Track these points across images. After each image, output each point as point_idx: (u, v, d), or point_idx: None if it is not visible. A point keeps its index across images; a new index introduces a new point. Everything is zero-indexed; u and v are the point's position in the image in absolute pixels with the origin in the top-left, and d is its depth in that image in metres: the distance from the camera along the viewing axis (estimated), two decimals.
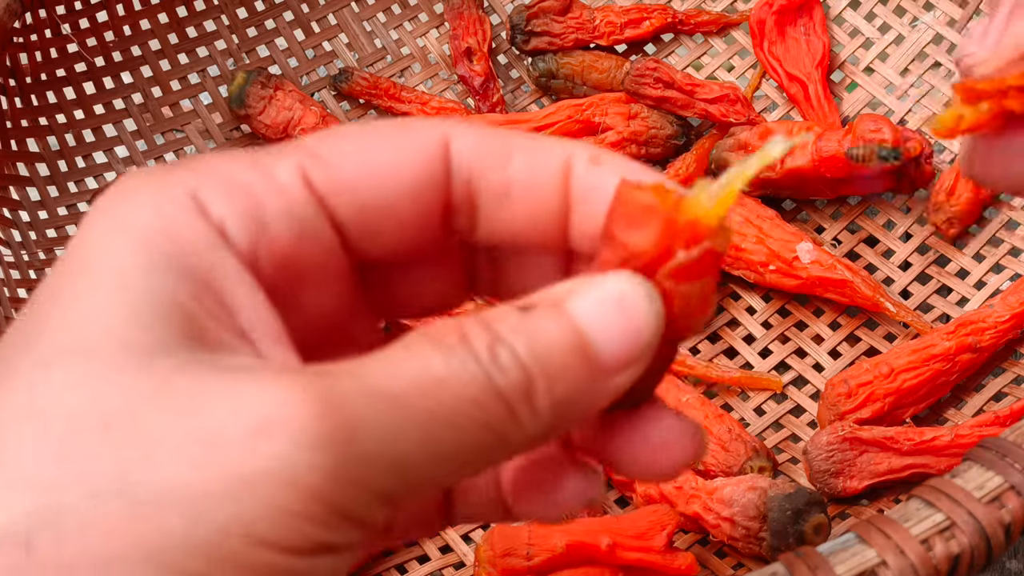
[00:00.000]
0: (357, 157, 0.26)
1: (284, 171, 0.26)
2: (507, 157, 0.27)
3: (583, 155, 0.27)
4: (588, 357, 0.24)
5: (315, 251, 0.26)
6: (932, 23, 0.67)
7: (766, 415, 0.58)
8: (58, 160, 0.65)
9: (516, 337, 0.24)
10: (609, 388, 0.25)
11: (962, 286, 0.60)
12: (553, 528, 0.51)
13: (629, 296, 0.25)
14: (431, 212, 0.27)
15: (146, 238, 0.24)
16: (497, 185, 0.27)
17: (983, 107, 0.29)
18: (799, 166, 0.60)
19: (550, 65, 0.67)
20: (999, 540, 0.35)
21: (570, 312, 0.24)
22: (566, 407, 0.24)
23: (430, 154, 0.26)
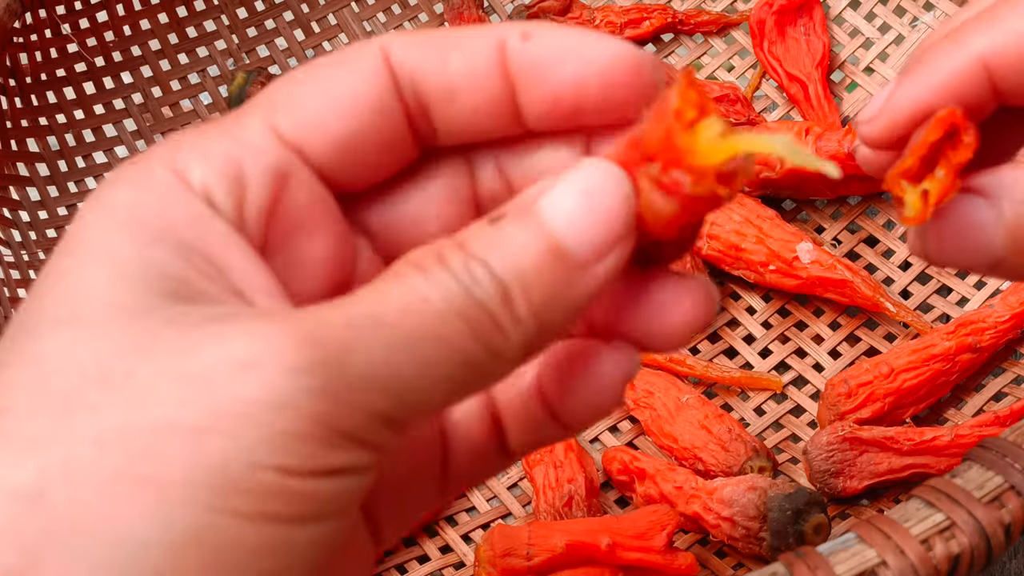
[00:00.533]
0: (313, 96, 0.26)
1: (253, 129, 0.26)
2: (444, 56, 0.27)
3: (514, 33, 0.27)
4: (559, 256, 0.25)
5: (300, 199, 0.26)
6: (932, 23, 0.67)
7: (766, 415, 0.58)
8: (58, 160, 0.65)
9: (487, 251, 0.24)
10: (589, 281, 0.25)
11: (962, 286, 0.60)
12: (553, 528, 0.51)
13: (595, 185, 0.25)
14: (398, 128, 0.27)
15: (130, 215, 0.25)
16: (441, 84, 0.27)
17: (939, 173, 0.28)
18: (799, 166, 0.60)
19: None
20: (999, 540, 0.35)
21: (537, 214, 0.25)
22: (549, 308, 0.25)
23: (375, 69, 0.27)
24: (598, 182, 0.25)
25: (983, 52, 0.29)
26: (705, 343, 0.61)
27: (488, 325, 0.24)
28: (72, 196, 0.65)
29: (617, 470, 0.55)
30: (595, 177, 0.25)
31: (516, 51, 0.26)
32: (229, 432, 0.22)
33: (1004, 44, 0.29)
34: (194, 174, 0.25)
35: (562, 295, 0.25)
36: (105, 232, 0.25)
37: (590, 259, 0.25)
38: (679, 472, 0.54)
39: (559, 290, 0.25)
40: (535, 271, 0.24)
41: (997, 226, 0.29)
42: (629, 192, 0.25)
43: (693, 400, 0.56)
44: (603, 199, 0.25)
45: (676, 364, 0.59)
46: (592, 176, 0.25)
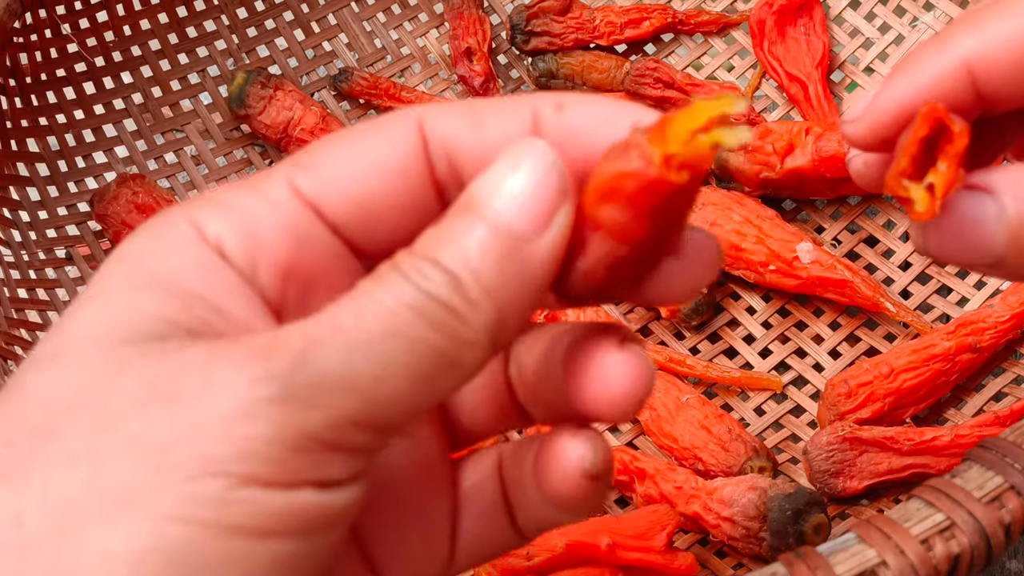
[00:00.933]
0: (338, 157, 0.27)
1: (274, 186, 0.27)
2: (478, 124, 0.27)
3: (547, 104, 0.27)
4: (502, 234, 0.25)
5: (319, 257, 0.27)
6: (932, 23, 0.67)
7: (766, 415, 0.58)
8: (58, 160, 0.65)
9: (433, 248, 0.25)
10: (539, 252, 0.25)
11: (962, 286, 0.60)
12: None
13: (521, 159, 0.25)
14: (421, 194, 0.27)
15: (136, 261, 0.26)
16: (474, 152, 0.27)
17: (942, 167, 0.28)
18: (799, 166, 0.60)
19: (550, 65, 0.67)
20: (999, 540, 0.35)
21: (474, 203, 0.25)
22: (503, 287, 0.25)
23: (406, 137, 0.27)
24: (525, 156, 0.26)
25: (967, 55, 0.29)
26: (705, 343, 0.61)
27: (444, 315, 0.24)
28: (72, 196, 0.65)
29: (617, 470, 0.55)
30: (521, 153, 0.26)
31: (549, 121, 0.27)
32: (194, 443, 0.23)
33: (987, 48, 0.29)
34: (209, 227, 0.26)
35: (515, 272, 0.25)
36: (109, 277, 0.26)
37: (534, 230, 0.25)
38: (679, 472, 0.54)
39: (510, 267, 0.25)
40: (481, 254, 0.25)
41: (999, 222, 0.29)
42: (555, 158, 0.26)
43: (693, 400, 0.56)
44: (533, 170, 0.25)
45: (676, 364, 0.59)
46: (518, 152, 0.26)
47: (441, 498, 0.30)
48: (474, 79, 0.68)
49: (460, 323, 0.25)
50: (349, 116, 0.69)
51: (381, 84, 0.67)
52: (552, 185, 0.25)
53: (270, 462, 0.23)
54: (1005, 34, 0.29)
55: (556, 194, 0.25)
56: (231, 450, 0.23)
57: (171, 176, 0.67)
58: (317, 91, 0.69)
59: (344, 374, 0.24)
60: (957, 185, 0.28)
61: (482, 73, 0.68)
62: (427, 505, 0.30)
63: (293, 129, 0.65)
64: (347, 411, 0.24)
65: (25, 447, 0.24)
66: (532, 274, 0.25)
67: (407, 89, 0.67)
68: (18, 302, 0.59)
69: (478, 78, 0.67)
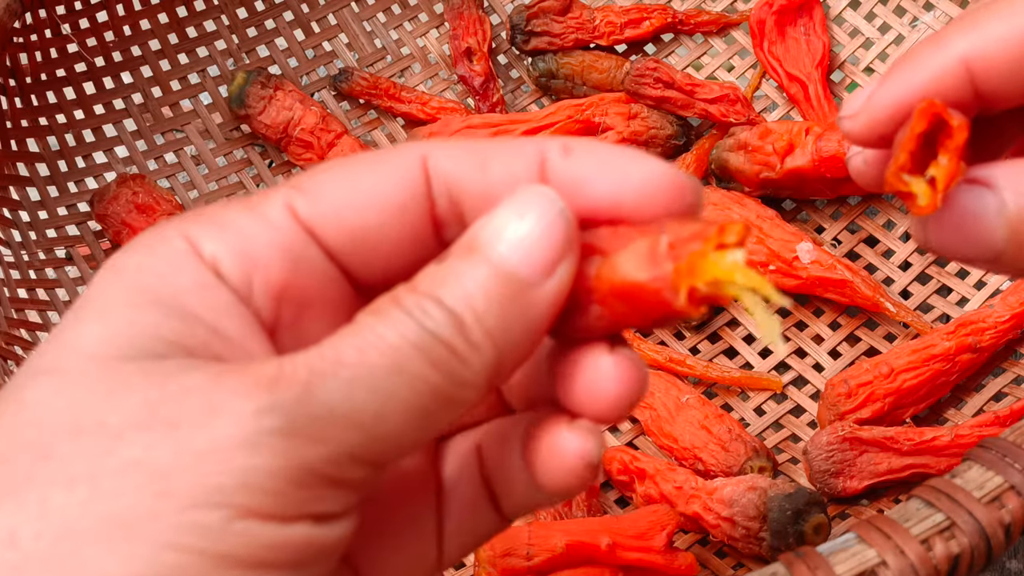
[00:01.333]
0: (339, 185, 0.27)
1: (273, 208, 0.27)
2: (483, 164, 0.27)
3: (554, 148, 0.27)
4: (506, 279, 0.25)
5: (313, 280, 0.27)
6: (932, 23, 0.67)
7: (766, 415, 0.58)
8: (58, 160, 0.65)
9: (437, 287, 0.25)
10: (541, 298, 0.25)
11: (962, 286, 0.60)
12: (553, 528, 0.51)
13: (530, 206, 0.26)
14: (419, 229, 0.27)
15: (135, 278, 0.26)
16: (478, 192, 0.27)
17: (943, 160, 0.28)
18: (799, 166, 0.60)
19: (550, 65, 0.67)
20: (999, 540, 0.35)
21: (479, 245, 0.25)
22: (505, 331, 0.25)
23: (408, 172, 0.27)
24: (533, 203, 0.26)
25: (965, 54, 0.29)
26: (705, 343, 0.61)
27: (445, 354, 0.25)
28: (72, 196, 0.65)
29: (617, 470, 0.55)
30: (529, 199, 0.26)
31: (556, 165, 0.27)
32: (195, 471, 0.23)
33: (986, 46, 0.29)
34: (206, 246, 0.26)
35: (516, 316, 0.25)
36: (107, 292, 0.26)
37: (537, 277, 0.25)
38: (679, 472, 0.54)
39: (512, 311, 0.25)
40: (484, 297, 0.25)
41: (999, 217, 0.29)
42: (563, 207, 0.26)
43: (693, 400, 0.56)
44: (540, 217, 0.26)
45: (676, 364, 0.59)
46: (526, 198, 0.26)
47: (425, 499, 0.30)
48: (474, 79, 0.68)
49: (460, 363, 0.25)
50: (349, 116, 0.69)
51: (381, 84, 0.67)
52: (558, 234, 0.26)
53: (270, 495, 0.23)
54: (1003, 33, 0.29)
55: (562, 243, 0.26)
56: (232, 481, 0.23)
57: (171, 176, 0.67)
58: (317, 91, 0.69)
59: (347, 409, 0.24)
60: (958, 178, 0.28)
61: (482, 73, 0.68)
62: (412, 508, 0.30)
63: (293, 129, 0.65)
64: (348, 446, 0.24)
65: (23, 465, 0.23)
66: (533, 320, 0.25)
67: (407, 89, 0.67)
68: (18, 302, 0.59)
69: (478, 78, 0.68)
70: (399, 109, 0.67)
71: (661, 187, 0.26)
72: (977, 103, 0.30)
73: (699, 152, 0.64)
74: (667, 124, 0.64)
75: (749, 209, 0.60)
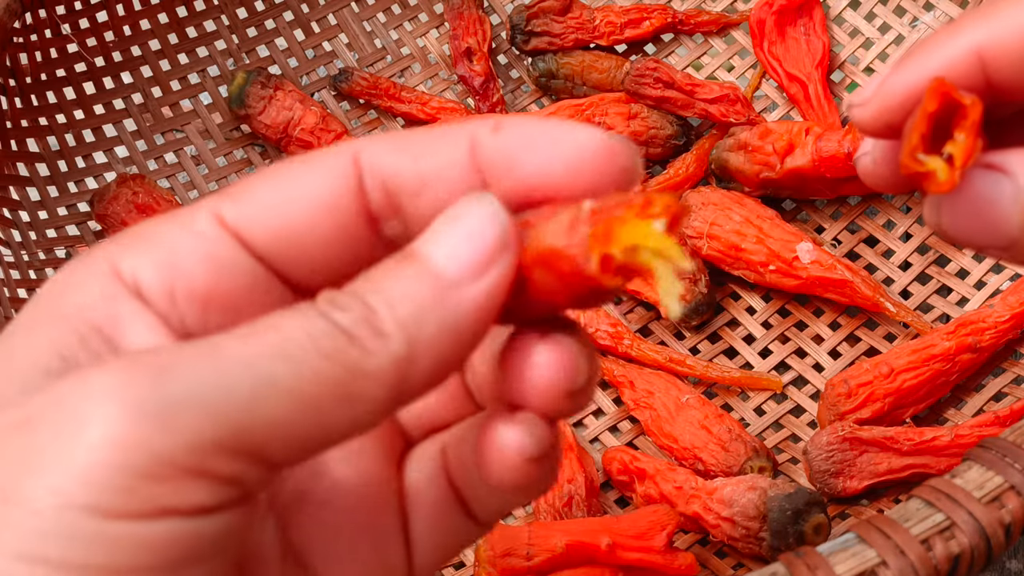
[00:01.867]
0: (267, 188, 0.27)
1: (199, 218, 0.26)
2: (415, 154, 0.27)
3: (484, 127, 0.27)
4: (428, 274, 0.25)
5: (242, 285, 0.26)
6: (932, 23, 0.67)
7: (766, 415, 0.58)
8: (58, 160, 0.65)
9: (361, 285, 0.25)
10: (467, 299, 0.25)
11: (962, 286, 0.60)
12: (553, 528, 0.51)
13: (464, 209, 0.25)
14: (353, 225, 0.27)
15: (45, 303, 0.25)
16: (412, 181, 0.27)
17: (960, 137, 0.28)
18: (799, 166, 0.60)
19: (550, 65, 0.67)
20: (999, 540, 0.35)
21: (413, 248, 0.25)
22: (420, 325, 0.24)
23: (338, 170, 0.27)
24: (467, 207, 0.25)
25: (980, 43, 0.29)
26: (705, 343, 0.61)
27: (343, 343, 0.23)
28: (72, 196, 0.65)
29: (617, 470, 0.55)
30: (465, 203, 0.25)
31: (486, 143, 0.27)
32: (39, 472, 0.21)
33: (1000, 36, 0.29)
34: (125, 262, 0.26)
35: (436, 313, 0.24)
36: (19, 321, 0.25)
37: (464, 277, 0.25)
38: (679, 472, 0.54)
39: (432, 307, 0.24)
40: (403, 291, 0.24)
41: (1015, 204, 0.28)
42: (497, 209, 0.25)
43: (693, 400, 0.56)
44: (472, 220, 0.25)
45: (676, 364, 0.59)
46: (463, 203, 0.26)
47: (386, 506, 0.29)
48: (474, 79, 0.68)
49: (361, 353, 0.24)
50: (349, 116, 0.69)
51: (381, 84, 0.67)
52: (488, 236, 0.25)
53: (119, 491, 0.21)
54: (1018, 23, 0.29)
55: (493, 246, 0.25)
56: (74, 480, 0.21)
57: (171, 176, 0.67)
58: (317, 91, 0.69)
59: (210, 395, 0.22)
60: (976, 155, 0.28)
61: (482, 73, 0.68)
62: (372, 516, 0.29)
63: (293, 129, 0.65)
64: (212, 434, 0.22)
65: None
66: (456, 320, 0.25)
67: (407, 89, 0.67)
68: (18, 302, 0.59)
69: (478, 78, 0.67)
70: (399, 109, 0.67)
71: (594, 153, 0.26)
72: (989, 93, 0.30)
73: (699, 152, 0.64)
74: (667, 124, 0.64)
75: (749, 209, 0.60)
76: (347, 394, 0.23)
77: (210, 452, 0.22)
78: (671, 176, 0.63)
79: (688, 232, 0.60)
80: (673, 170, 0.63)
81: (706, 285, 0.60)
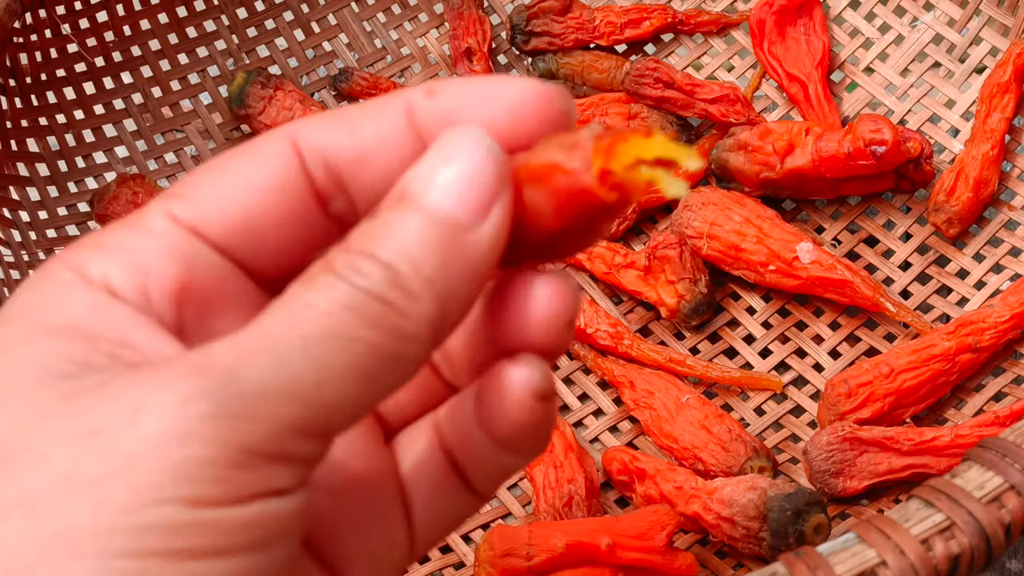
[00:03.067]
0: (212, 182, 0.27)
1: (152, 219, 0.26)
2: (351, 128, 0.27)
3: (418, 93, 0.27)
4: (441, 224, 0.24)
5: (210, 279, 0.26)
6: (932, 23, 0.67)
7: (766, 415, 0.58)
8: (58, 160, 0.65)
9: (370, 243, 0.24)
10: (480, 241, 0.25)
11: (962, 286, 0.60)
12: (553, 528, 0.51)
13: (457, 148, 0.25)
14: (303, 208, 0.27)
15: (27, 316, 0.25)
16: (352, 156, 0.27)
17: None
18: (799, 166, 0.60)
19: (550, 65, 0.67)
20: (999, 540, 0.35)
21: (410, 195, 0.25)
22: (445, 278, 0.24)
23: (278, 153, 0.27)
24: (459, 144, 0.25)
25: None
26: (705, 343, 0.61)
27: (382, 311, 0.24)
28: (72, 196, 0.65)
29: (617, 470, 0.55)
30: (455, 141, 0.25)
31: (422, 109, 0.27)
32: (130, 473, 0.22)
33: None
34: (92, 269, 0.26)
35: (456, 262, 0.25)
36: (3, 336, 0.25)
37: (473, 219, 0.25)
38: (679, 472, 0.54)
39: (451, 257, 0.24)
40: (420, 245, 0.24)
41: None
42: (491, 144, 0.25)
43: (693, 400, 0.56)
44: (469, 159, 0.25)
45: (676, 364, 0.59)
46: (452, 141, 0.25)
47: (385, 485, 0.29)
48: None
49: (400, 317, 0.24)
50: None
51: (381, 84, 0.67)
52: (489, 173, 0.25)
53: (213, 482, 0.22)
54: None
55: (494, 181, 0.25)
56: (170, 476, 0.22)
57: (171, 176, 0.67)
58: (317, 91, 0.69)
59: (281, 383, 0.23)
60: None
61: (482, 73, 0.68)
62: (373, 496, 0.29)
63: None
64: (288, 420, 0.23)
65: None
66: (474, 263, 0.25)
67: None
68: None
69: None
70: None
71: (530, 101, 0.26)
72: None
73: (699, 152, 0.64)
74: (667, 124, 0.64)
75: (749, 209, 0.60)
76: (395, 358, 0.24)
77: (287, 438, 0.23)
78: None
79: (688, 232, 0.60)
80: None
81: (706, 285, 0.60)
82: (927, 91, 0.65)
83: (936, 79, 0.65)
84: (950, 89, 0.65)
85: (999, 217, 0.61)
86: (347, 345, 0.24)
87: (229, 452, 0.23)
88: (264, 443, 0.23)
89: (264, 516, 0.23)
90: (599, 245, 0.62)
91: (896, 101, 0.65)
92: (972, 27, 0.66)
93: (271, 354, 0.23)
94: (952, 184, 0.60)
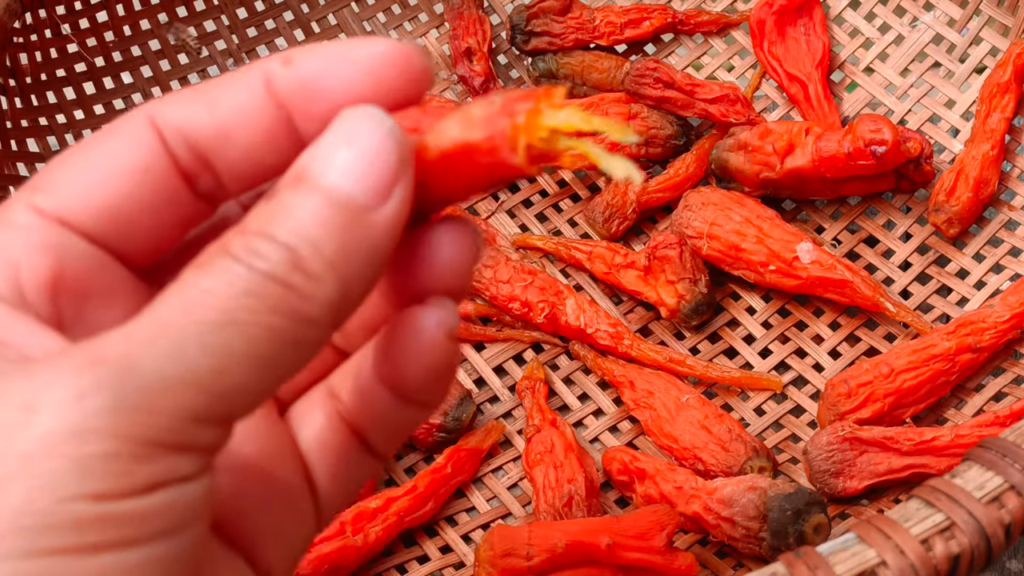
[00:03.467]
0: (73, 169, 0.26)
1: (16, 213, 0.26)
2: (210, 103, 0.26)
3: (275, 62, 0.26)
4: (342, 206, 0.24)
5: (84, 269, 0.26)
6: (932, 23, 0.67)
7: (766, 415, 0.58)
8: None
9: (268, 224, 0.24)
10: (381, 222, 0.25)
11: (962, 286, 0.60)
12: (553, 528, 0.51)
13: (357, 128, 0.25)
14: (170, 188, 0.26)
15: None
16: (213, 132, 0.26)
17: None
18: (799, 166, 0.60)
19: (550, 65, 0.67)
20: (999, 540, 0.35)
21: (309, 175, 0.24)
22: (346, 259, 0.24)
23: (138, 135, 0.26)
24: (359, 125, 0.25)
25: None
26: (705, 343, 0.61)
27: (282, 294, 0.23)
28: None
29: (617, 470, 0.55)
30: (355, 121, 0.25)
31: (280, 78, 0.26)
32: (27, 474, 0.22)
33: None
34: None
35: (357, 242, 0.24)
36: None
37: (374, 200, 0.24)
38: (679, 472, 0.54)
39: (352, 238, 0.24)
40: (320, 225, 0.24)
41: None
42: (392, 125, 0.25)
43: (693, 400, 0.56)
44: (369, 140, 0.25)
45: (676, 364, 0.59)
46: (352, 121, 0.25)
47: (285, 459, 0.29)
48: (474, 79, 0.68)
49: (301, 300, 0.24)
50: None
51: None
52: (391, 154, 0.25)
53: (116, 476, 0.22)
54: None
55: (396, 164, 0.25)
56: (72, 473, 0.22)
57: None
58: None
59: (178, 372, 0.22)
60: None
61: (482, 73, 0.68)
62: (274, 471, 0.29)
63: None
64: (188, 410, 0.23)
65: None
66: (375, 245, 0.25)
67: None
68: None
69: (478, 78, 0.68)
70: None
71: (388, 61, 0.26)
72: None
73: (699, 152, 0.64)
74: (667, 124, 0.64)
75: (749, 209, 0.60)
76: (295, 342, 0.24)
77: (189, 427, 0.23)
78: (671, 176, 0.63)
79: (688, 232, 0.60)
80: (673, 170, 0.63)
81: (706, 285, 0.60)
82: (927, 91, 0.65)
83: (936, 79, 0.65)
84: (950, 89, 0.65)
85: (999, 217, 0.61)
86: (246, 331, 0.23)
87: (130, 446, 0.22)
88: (165, 434, 0.23)
89: (170, 504, 0.23)
90: (599, 245, 0.62)
91: (896, 101, 0.65)
92: (972, 27, 0.66)
93: (167, 342, 0.23)
94: (952, 184, 0.60)
